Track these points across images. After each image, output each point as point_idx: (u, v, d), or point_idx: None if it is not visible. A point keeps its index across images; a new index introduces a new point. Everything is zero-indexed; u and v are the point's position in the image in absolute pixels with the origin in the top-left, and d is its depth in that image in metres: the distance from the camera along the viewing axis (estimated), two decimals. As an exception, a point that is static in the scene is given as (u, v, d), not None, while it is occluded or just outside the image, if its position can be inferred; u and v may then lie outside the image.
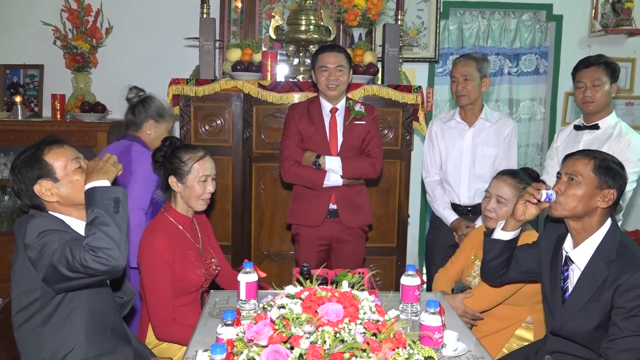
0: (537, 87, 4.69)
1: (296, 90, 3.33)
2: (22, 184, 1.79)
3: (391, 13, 4.01)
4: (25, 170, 1.78)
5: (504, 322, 2.30)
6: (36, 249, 1.67)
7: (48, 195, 1.79)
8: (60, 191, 1.80)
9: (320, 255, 2.87)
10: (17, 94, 4.02)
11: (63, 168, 1.80)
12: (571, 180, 1.88)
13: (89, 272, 1.62)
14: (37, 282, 1.70)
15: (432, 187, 3.15)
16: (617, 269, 1.81)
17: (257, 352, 1.28)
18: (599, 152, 1.95)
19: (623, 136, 2.62)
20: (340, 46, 2.93)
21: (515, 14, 4.61)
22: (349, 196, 2.84)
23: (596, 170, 1.86)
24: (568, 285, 1.96)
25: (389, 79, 3.44)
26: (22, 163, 1.79)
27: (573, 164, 1.90)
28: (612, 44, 4.46)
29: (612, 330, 1.79)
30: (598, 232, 1.89)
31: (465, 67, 2.94)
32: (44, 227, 1.72)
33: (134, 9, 4.20)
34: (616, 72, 2.66)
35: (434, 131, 3.14)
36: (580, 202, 1.86)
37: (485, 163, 2.96)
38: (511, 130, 3.00)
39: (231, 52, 3.43)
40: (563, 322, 1.92)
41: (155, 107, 2.82)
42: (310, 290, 1.37)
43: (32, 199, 1.80)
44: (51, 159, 1.80)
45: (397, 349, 1.27)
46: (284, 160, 2.82)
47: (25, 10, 4.14)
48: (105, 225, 1.64)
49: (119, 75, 4.21)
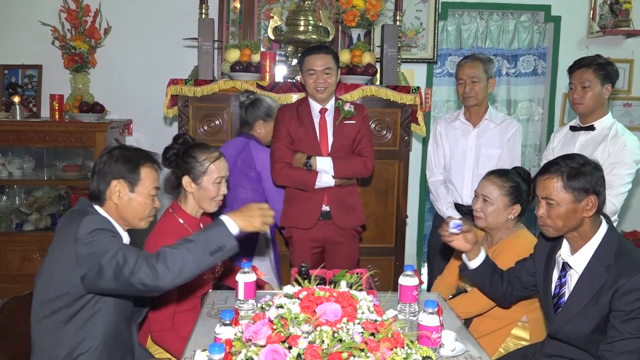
0: (535, 88, 4.70)
1: (295, 90, 3.33)
2: (109, 168, 1.86)
3: (390, 14, 4.02)
4: (121, 163, 1.86)
5: (499, 322, 2.31)
6: (87, 245, 1.70)
7: (116, 195, 1.85)
8: (127, 200, 1.87)
9: (314, 257, 2.85)
10: (16, 94, 4.01)
11: (145, 187, 1.89)
12: (550, 204, 1.88)
13: (133, 281, 1.65)
14: (74, 277, 1.70)
15: (435, 186, 3.16)
16: (615, 272, 1.80)
17: (255, 352, 1.28)
18: (564, 160, 1.89)
19: (619, 137, 2.62)
20: (327, 47, 2.89)
21: (513, 14, 4.62)
22: (341, 197, 2.82)
23: (567, 186, 1.84)
24: (565, 291, 1.96)
25: (387, 79, 3.45)
26: (123, 156, 1.88)
27: (544, 186, 1.89)
28: (610, 45, 4.47)
29: (611, 333, 1.79)
30: (595, 237, 1.89)
31: (472, 68, 2.94)
32: (98, 225, 1.75)
33: (133, 9, 4.20)
34: (610, 73, 2.63)
35: (439, 131, 3.14)
36: (566, 220, 1.86)
37: (489, 164, 2.96)
38: (515, 132, 3.01)
39: (230, 52, 3.43)
40: (561, 326, 1.92)
41: (263, 109, 3.04)
42: (308, 290, 1.38)
43: (101, 185, 1.86)
44: (144, 173, 1.89)
45: (395, 349, 1.27)
46: (274, 162, 2.80)
47: (24, 10, 4.14)
48: (190, 252, 1.69)
49: (118, 75, 4.22)
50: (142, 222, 1.93)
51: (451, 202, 3.09)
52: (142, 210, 1.90)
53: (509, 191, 2.33)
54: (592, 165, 1.87)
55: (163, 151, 2.29)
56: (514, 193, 2.33)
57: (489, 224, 2.36)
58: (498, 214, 2.33)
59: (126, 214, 1.87)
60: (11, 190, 4.05)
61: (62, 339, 1.75)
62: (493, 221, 2.35)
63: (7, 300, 1.92)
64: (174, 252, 1.69)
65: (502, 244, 2.35)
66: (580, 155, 1.92)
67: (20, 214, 4.01)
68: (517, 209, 2.34)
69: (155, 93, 3.89)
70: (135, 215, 1.89)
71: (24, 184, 4.01)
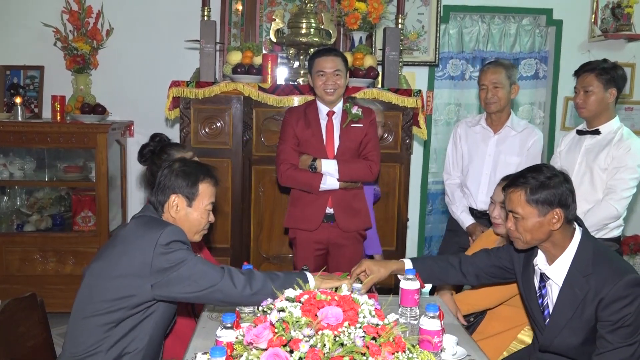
0: (536, 92, 4.70)
1: (296, 93, 3.33)
2: (169, 182, 1.92)
3: (391, 17, 4.02)
4: (181, 177, 1.92)
5: (506, 323, 2.30)
6: (166, 257, 1.74)
7: (174, 209, 1.91)
8: (184, 215, 1.92)
9: (318, 259, 2.86)
10: (17, 95, 4.01)
11: (203, 202, 1.94)
12: (516, 218, 1.86)
13: (214, 289, 1.75)
14: (144, 283, 1.74)
15: (452, 189, 3.14)
16: (596, 282, 1.78)
17: (256, 355, 1.28)
18: (531, 173, 1.85)
19: (623, 141, 2.60)
20: (337, 49, 2.92)
21: (515, 18, 4.62)
22: (346, 200, 2.83)
23: (530, 201, 1.81)
24: (548, 302, 1.95)
25: (389, 82, 3.45)
26: (183, 171, 1.93)
27: (510, 199, 1.88)
28: (612, 49, 4.47)
29: (600, 343, 1.78)
30: (570, 247, 1.87)
31: (495, 74, 2.90)
32: (177, 237, 1.79)
33: (135, 10, 4.20)
34: (614, 78, 2.62)
35: (459, 134, 3.12)
36: (533, 233, 1.85)
37: (507, 171, 2.91)
38: (536, 141, 2.97)
39: (232, 54, 3.43)
40: (551, 340, 1.91)
41: None
42: (310, 294, 1.38)
43: (160, 198, 1.92)
44: (202, 189, 1.94)
45: (396, 353, 1.27)
46: (280, 164, 2.81)
47: (26, 11, 4.14)
48: (272, 280, 1.81)
49: (119, 77, 4.22)
50: (197, 235, 1.98)
51: (466, 205, 3.06)
52: (197, 225, 1.95)
53: None
54: (559, 177, 1.84)
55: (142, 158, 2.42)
56: None
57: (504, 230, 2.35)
58: None
59: (182, 227, 1.90)
60: (12, 191, 4.05)
61: (110, 337, 1.77)
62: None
63: (8, 301, 1.91)
64: (259, 274, 1.83)
65: None
66: (547, 167, 1.88)
67: (21, 214, 4.01)
68: None
69: (157, 95, 3.89)
70: (190, 229, 1.94)
71: (25, 185, 4.01)
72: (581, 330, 1.83)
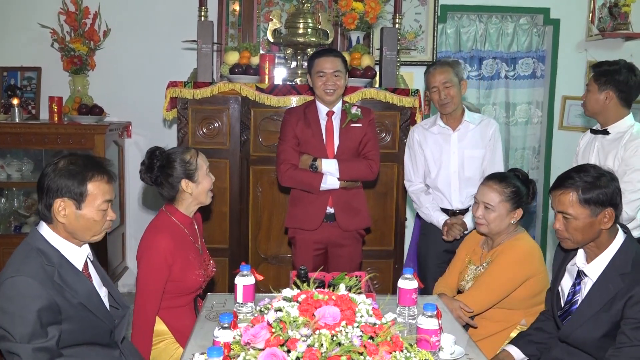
0: (534, 91, 4.70)
1: (294, 93, 3.33)
2: (52, 184, 1.71)
3: (389, 17, 4.02)
4: (65, 178, 1.72)
5: (499, 325, 2.31)
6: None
7: (61, 215, 1.72)
8: (74, 219, 1.73)
9: (317, 259, 2.87)
10: (15, 96, 4.01)
11: (94, 203, 1.75)
12: (567, 218, 1.88)
13: None
14: None
15: (417, 194, 3.08)
16: (630, 280, 1.81)
17: (254, 355, 1.28)
18: (578, 174, 1.88)
19: (632, 141, 2.54)
20: (337, 50, 2.93)
21: (512, 17, 4.62)
22: (346, 199, 2.83)
23: (582, 202, 1.84)
24: (578, 299, 1.96)
25: (386, 82, 3.45)
26: (68, 170, 1.73)
27: (560, 201, 1.89)
28: (609, 48, 4.47)
29: (620, 339, 1.79)
30: (611, 246, 1.89)
31: (443, 74, 2.88)
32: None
33: (132, 11, 4.19)
34: (611, 80, 2.58)
35: (416, 139, 3.05)
36: (584, 233, 1.87)
37: (474, 165, 2.94)
38: (495, 130, 2.98)
39: (229, 55, 3.43)
40: (571, 330, 1.92)
41: None
42: (307, 293, 1.37)
43: (48, 200, 1.72)
44: (92, 189, 1.74)
45: (394, 352, 1.27)
46: (280, 164, 2.82)
47: (23, 12, 4.14)
48: None
49: (117, 77, 4.22)
50: (95, 237, 1.81)
51: (436, 204, 3.02)
52: (91, 227, 1.77)
53: (509, 197, 2.32)
54: (607, 177, 1.87)
55: (145, 169, 2.25)
56: (514, 198, 2.32)
57: (492, 230, 2.35)
58: (500, 220, 2.32)
59: (75, 231, 1.75)
60: (10, 192, 4.05)
61: None
62: (496, 227, 2.33)
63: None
64: None
65: (501, 247, 2.34)
66: (594, 167, 1.91)
67: (19, 216, 4.01)
68: (519, 213, 2.34)
69: (155, 95, 3.88)
70: (85, 233, 1.77)
71: (22, 186, 4.00)
72: (604, 323, 1.84)
